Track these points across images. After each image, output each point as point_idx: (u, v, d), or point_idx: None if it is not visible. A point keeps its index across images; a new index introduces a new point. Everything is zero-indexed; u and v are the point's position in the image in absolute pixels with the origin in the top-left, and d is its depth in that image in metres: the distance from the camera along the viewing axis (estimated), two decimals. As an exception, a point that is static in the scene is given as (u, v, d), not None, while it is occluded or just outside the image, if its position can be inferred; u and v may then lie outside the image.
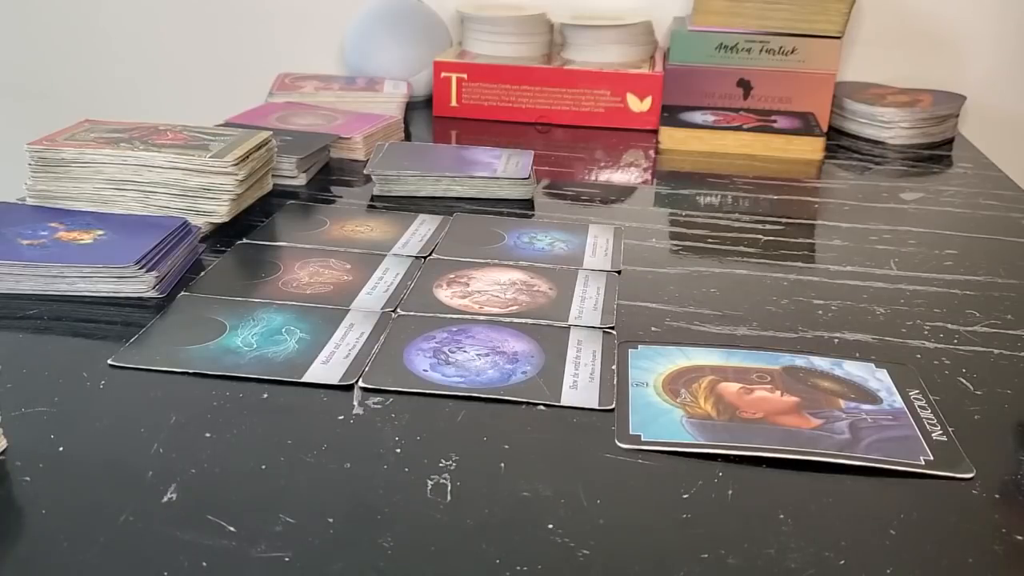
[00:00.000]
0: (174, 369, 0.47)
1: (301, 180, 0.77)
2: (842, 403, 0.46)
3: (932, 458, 0.42)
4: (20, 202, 0.65)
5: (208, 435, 0.42)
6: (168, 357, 0.48)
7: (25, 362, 0.48)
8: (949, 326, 0.56)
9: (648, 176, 0.87)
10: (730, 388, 0.47)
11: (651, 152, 0.93)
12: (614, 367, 0.49)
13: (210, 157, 0.64)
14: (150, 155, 0.63)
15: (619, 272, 0.61)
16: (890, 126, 0.98)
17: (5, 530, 0.36)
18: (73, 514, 0.36)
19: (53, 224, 0.61)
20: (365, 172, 0.77)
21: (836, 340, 0.53)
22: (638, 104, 0.99)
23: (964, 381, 0.49)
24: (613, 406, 0.45)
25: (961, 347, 0.53)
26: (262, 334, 0.51)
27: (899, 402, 0.46)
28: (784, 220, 0.74)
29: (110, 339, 0.50)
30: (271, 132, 0.72)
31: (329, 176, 0.81)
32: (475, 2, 1.13)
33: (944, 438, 0.43)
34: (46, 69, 1.28)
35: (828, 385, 0.48)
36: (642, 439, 0.43)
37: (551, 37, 1.09)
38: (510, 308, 0.55)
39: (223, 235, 0.65)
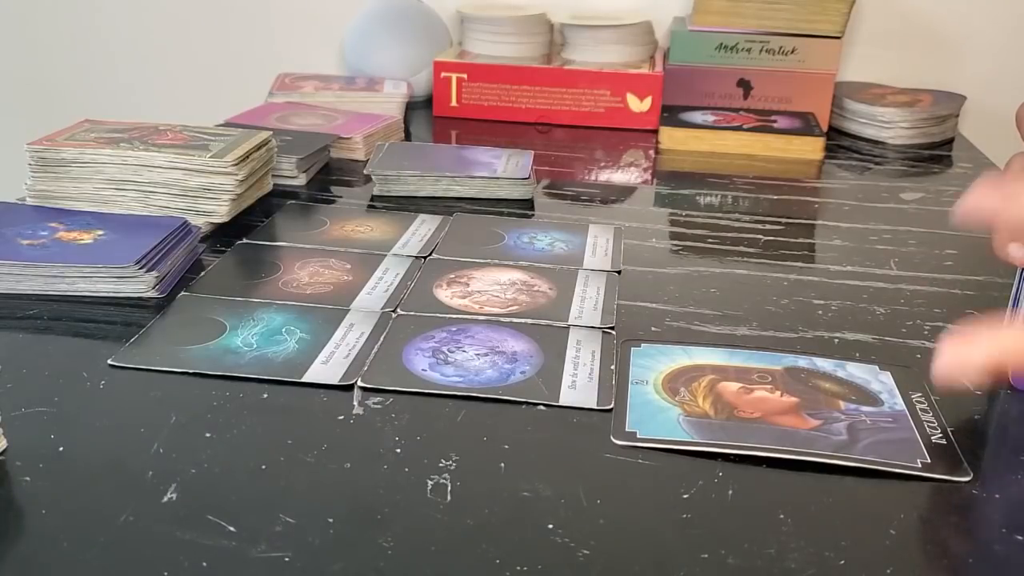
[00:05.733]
0: (174, 369, 0.47)
1: (301, 180, 0.77)
2: (842, 404, 0.46)
3: (929, 461, 0.42)
4: (20, 202, 0.65)
5: (208, 435, 0.42)
6: (168, 357, 0.48)
7: (25, 362, 0.48)
8: (949, 326, 0.56)
9: (648, 176, 0.87)
10: (730, 387, 0.47)
11: (651, 152, 0.93)
12: (613, 367, 0.49)
13: (210, 157, 0.64)
14: (150, 155, 0.64)
15: (619, 272, 0.61)
16: (890, 126, 0.98)
17: (5, 530, 0.36)
18: (73, 514, 0.36)
19: (53, 224, 0.61)
20: (365, 172, 0.77)
21: (836, 340, 0.53)
22: (638, 104, 0.99)
23: (964, 381, 0.49)
24: (611, 406, 0.45)
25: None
26: (262, 334, 0.51)
27: (900, 404, 0.46)
28: (784, 220, 0.74)
29: (110, 339, 0.50)
30: (271, 132, 0.72)
31: (329, 176, 0.81)
32: (475, 2, 1.13)
33: (943, 441, 0.43)
34: (46, 69, 1.28)
35: (829, 386, 0.48)
36: (638, 436, 0.43)
37: (551, 37, 1.09)
38: (510, 308, 0.55)
39: (223, 235, 0.65)
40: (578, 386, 0.47)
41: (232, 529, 0.36)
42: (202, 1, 1.21)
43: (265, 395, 0.45)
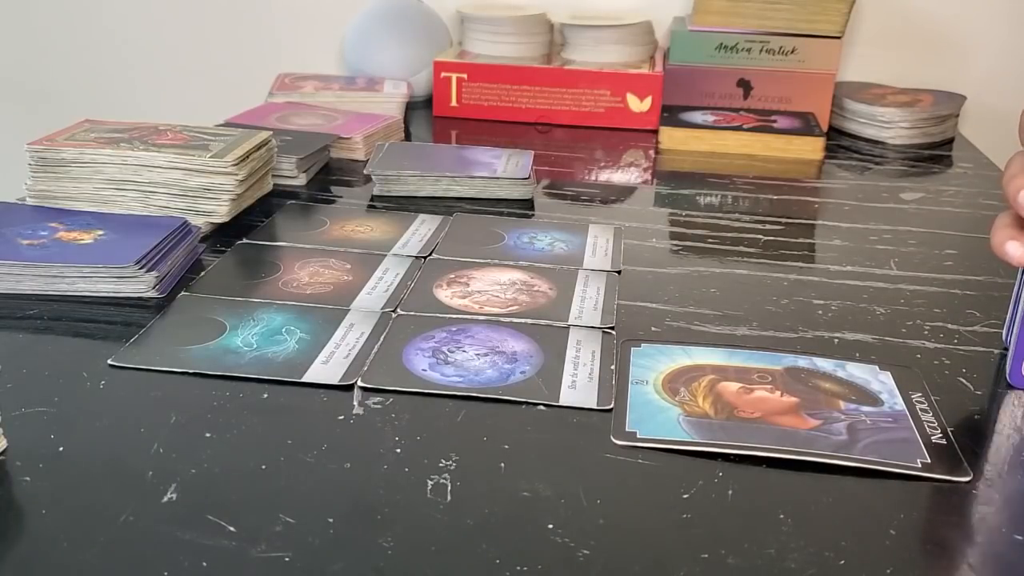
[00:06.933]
0: (174, 369, 0.47)
1: (301, 180, 0.77)
2: (842, 404, 0.46)
3: (929, 461, 0.42)
4: (20, 202, 0.65)
5: (208, 435, 0.42)
6: (168, 357, 0.48)
7: (25, 362, 0.48)
8: (949, 326, 0.56)
9: (648, 176, 0.87)
10: (730, 387, 0.47)
11: (651, 152, 0.93)
12: (613, 367, 0.49)
13: (210, 157, 0.64)
14: (150, 155, 0.64)
15: (619, 272, 0.61)
16: (890, 126, 0.98)
17: (5, 530, 0.36)
18: (73, 514, 0.36)
19: (53, 224, 0.61)
20: (365, 172, 0.77)
21: (836, 340, 0.53)
22: (638, 104, 0.99)
23: (964, 381, 0.49)
24: (611, 406, 0.45)
25: (961, 347, 0.53)
26: (262, 334, 0.51)
27: (900, 404, 0.46)
28: (784, 220, 0.74)
29: (110, 339, 0.50)
30: (271, 132, 0.72)
31: (329, 176, 0.81)
32: (475, 2, 1.13)
33: (943, 441, 0.43)
34: (46, 69, 1.28)
35: (829, 386, 0.48)
36: (638, 436, 0.43)
37: (551, 37, 1.09)
38: (510, 308, 0.55)
39: (223, 235, 0.65)
40: (578, 386, 0.47)
41: (232, 529, 0.36)
42: (202, 1, 1.21)
43: (265, 395, 0.45)
